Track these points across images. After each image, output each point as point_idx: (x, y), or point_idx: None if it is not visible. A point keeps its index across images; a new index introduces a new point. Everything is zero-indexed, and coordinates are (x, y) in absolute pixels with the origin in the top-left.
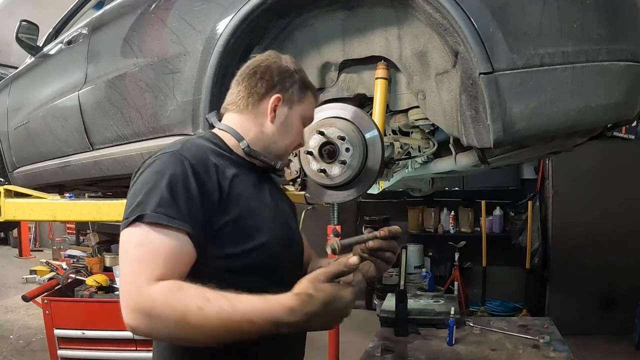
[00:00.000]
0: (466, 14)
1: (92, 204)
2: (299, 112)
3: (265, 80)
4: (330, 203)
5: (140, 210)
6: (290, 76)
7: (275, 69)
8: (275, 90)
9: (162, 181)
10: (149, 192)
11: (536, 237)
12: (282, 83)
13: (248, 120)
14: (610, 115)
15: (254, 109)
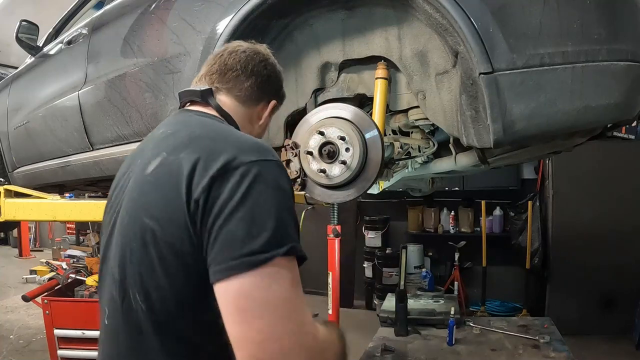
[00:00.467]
0: (466, 14)
1: (92, 204)
2: (271, 119)
3: (274, 85)
4: (330, 203)
5: (284, 240)
6: (282, 86)
7: (279, 75)
8: (274, 96)
9: (288, 200)
10: (282, 214)
11: (536, 237)
12: (280, 90)
13: (244, 115)
14: (610, 115)
15: (254, 105)
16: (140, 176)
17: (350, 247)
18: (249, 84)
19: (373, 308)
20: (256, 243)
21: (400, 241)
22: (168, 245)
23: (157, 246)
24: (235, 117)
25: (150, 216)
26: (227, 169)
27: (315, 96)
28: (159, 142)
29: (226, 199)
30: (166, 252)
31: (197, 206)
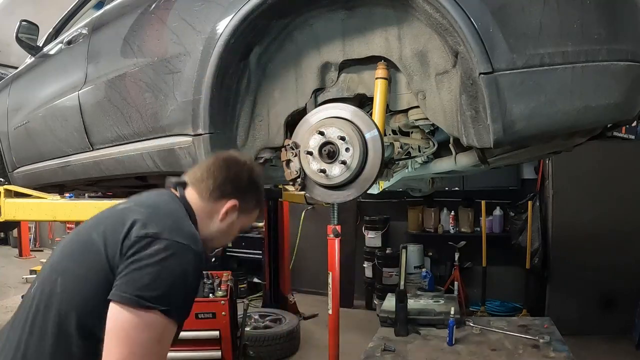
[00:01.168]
0: (466, 14)
1: (92, 204)
2: (243, 221)
3: (234, 184)
4: (330, 203)
5: (167, 303)
6: (254, 191)
7: (246, 178)
8: (235, 196)
9: (188, 281)
10: (176, 287)
11: (536, 237)
12: (244, 193)
13: (204, 209)
14: (610, 115)
15: (212, 202)
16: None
17: (350, 247)
18: (210, 182)
19: (373, 308)
20: (151, 293)
21: (400, 241)
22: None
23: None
24: (196, 209)
25: (97, 235)
26: (156, 237)
27: (315, 96)
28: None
29: (148, 254)
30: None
31: (128, 246)
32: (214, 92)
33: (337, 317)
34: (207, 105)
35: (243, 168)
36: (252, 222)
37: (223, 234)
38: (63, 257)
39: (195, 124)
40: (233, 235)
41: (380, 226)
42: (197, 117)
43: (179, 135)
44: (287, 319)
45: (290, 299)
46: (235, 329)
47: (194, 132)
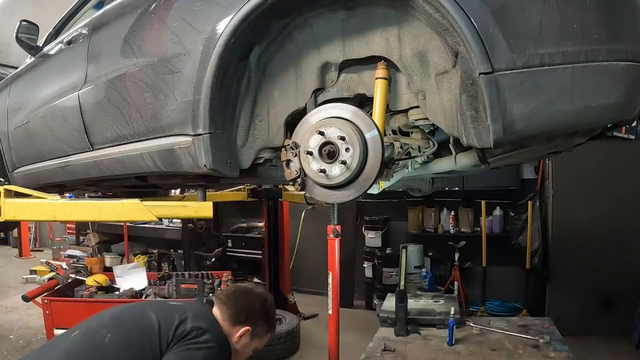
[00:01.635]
0: (466, 14)
1: (92, 204)
2: (256, 344)
3: (247, 313)
4: (330, 203)
5: None
6: (265, 319)
7: (259, 309)
8: (249, 323)
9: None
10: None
11: (536, 237)
12: (257, 321)
13: (226, 328)
14: (610, 115)
15: (230, 325)
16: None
17: (350, 247)
18: (229, 308)
19: (373, 308)
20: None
21: (400, 241)
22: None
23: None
24: (223, 326)
25: (153, 314)
26: (205, 330)
27: (315, 96)
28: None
29: (202, 341)
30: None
31: (183, 332)
32: (214, 92)
33: (337, 317)
34: (207, 105)
35: (256, 299)
36: (264, 344)
37: (240, 355)
38: (115, 318)
39: (195, 124)
40: (246, 355)
41: (380, 226)
42: (197, 117)
43: (179, 135)
44: (287, 319)
45: (290, 299)
46: None
47: (194, 132)
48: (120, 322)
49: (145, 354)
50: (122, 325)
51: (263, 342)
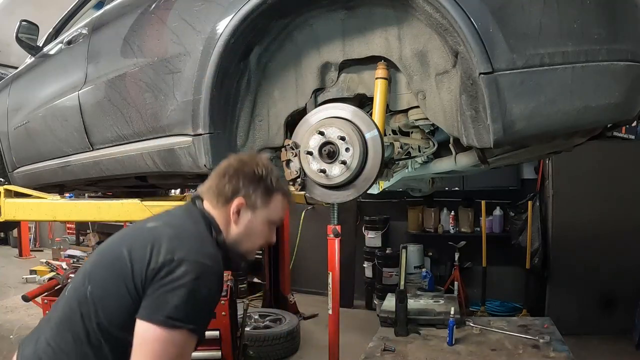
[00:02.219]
0: (466, 14)
1: (92, 204)
2: (263, 215)
3: (232, 184)
4: (330, 203)
5: (192, 322)
6: (256, 182)
7: (242, 173)
8: (239, 194)
9: (210, 301)
10: (201, 307)
11: (536, 237)
12: (246, 188)
13: (220, 216)
14: (610, 115)
15: (223, 209)
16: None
17: (350, 247)
18: (214, 189)
19: (373, 308)
20: (180, 314)
21: (400, 241)
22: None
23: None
24: (217, 219)
25: (127, 252)
26: (183, 260)
27: (315, 96)
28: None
29: (177, 277)
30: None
31: (155, 269)
32: (214, 92)
33: (337, 317)
34: (207, 105)
35: (239, 166)
36: (279, 213)
37: (246, 235)
38: (95, 266)
39: (195, 124)
40: (262, 233)
41: (380, 226)
42: (197, 117)
43: (179, 135)
44: (287, 319)
45: (290, 299)
46: (235, 329)
47: (194, 132)
48: (99, 269)
49: (126, 304)
50: (100, 273)
51: (273, 211)
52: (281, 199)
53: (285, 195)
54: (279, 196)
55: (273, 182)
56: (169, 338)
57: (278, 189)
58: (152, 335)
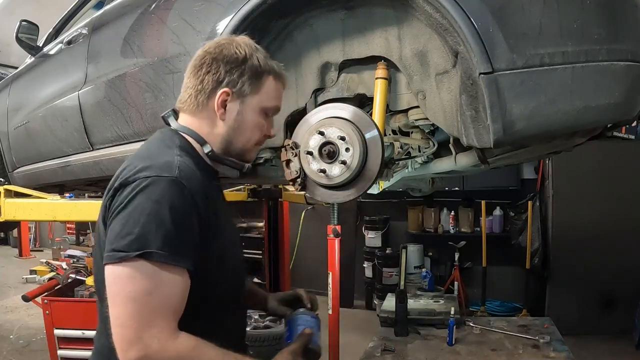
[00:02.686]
0: (466, 14)
1: (92, 204)
2: (254, 103)
3: (212, 74)
4: (330, 203)
5: (143, 246)
6: (239, 65)
7: (222, 59)
8: (222, 85)
9: (165, 214)
10: (150, 224)
11: (536, 237)
12: (229, 75)
13: (201, 121)
14: (610, 115)
15: (204, 109)
16: None
17: (350, 247)
18: (189, 92)
19: (373, 308)
20: (122, 241)
21: (400, 241)
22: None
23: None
24: (196, 128)
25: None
26: (126, 182)
27: (315, 96)
28: None
29: (118, 203)
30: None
31: (106, 207)
32: None
33: (337, 317)
34: None
35: (217, 52)
36: (273, 97)
37: (238, 130)
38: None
39: None
40: (257, 125)
41: (380, 226)
42: None
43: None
44: None
45: None
46: None
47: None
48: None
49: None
50: (96, 245)
51: (268, 94)
52: (273, 80)
53: (278, 76)
54: (270, 78)
55: (260, 62)
56: (123, 273)
57: (268, 70)
58: (109, 277)
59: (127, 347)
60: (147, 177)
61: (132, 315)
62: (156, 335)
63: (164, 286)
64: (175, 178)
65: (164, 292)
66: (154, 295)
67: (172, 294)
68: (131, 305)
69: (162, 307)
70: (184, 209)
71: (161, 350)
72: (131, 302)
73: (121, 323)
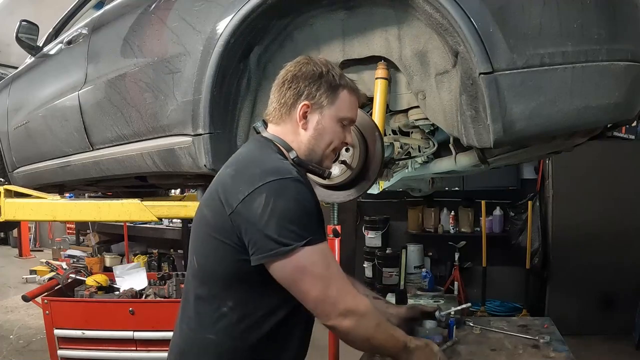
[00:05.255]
0: (466, 14)
1: (92, 204)
2: (331, 114)
3: (292, 89)
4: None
5: (305, 235)
6: (316, 80)
7: (301, 76)
8: (302, 98)
9: (307, 207)
10: (302, 218)
11: (536, 237)
12: (308, 89)
13: (286, 130)
14: (610, 115)
15: (288, 120)
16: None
17: (350, 247)
18: (272, 101)
19: None
20: (284, 240)
21: (400, 241)
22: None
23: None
24: (283, 136)
25: (207, 210)
26: (254, 189)
27: None
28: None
29: (259, 212)
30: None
31: (236, 216)
32: (214, 92)
33: None
34: (207, 105)
35: (296, 70)
36: (348, 109)
37: (319, 138)
38: (193, 238)
39: (195, 124)
40: (335, 133)
41: (380, 226)
42: (197, 117)
43: (179, 135)
44: None
45: None
46: None
47: (194, 132)
48: (194, 238)
49: (224, 255)
50: (196, 240)
51: (343, 105)
52: (348, 94)
53: (352, 90)
54: (345, 91)
55: (336, 78)
56: (301, 260)
57: (343, 84)
58: (283, 271)
59: (337, 316)
60: (272, 182)
61: (326, 289)
62: (350, 297)
63: (331, 258)
64: (296, 177)
65: (335, 264)
66: (331, 267)
67: (336, 263)
68: (320, 282)
69: (340, 275)
70: (312, 198)
71: (359, 306)
72: (320, 280)
73: (319, 298)
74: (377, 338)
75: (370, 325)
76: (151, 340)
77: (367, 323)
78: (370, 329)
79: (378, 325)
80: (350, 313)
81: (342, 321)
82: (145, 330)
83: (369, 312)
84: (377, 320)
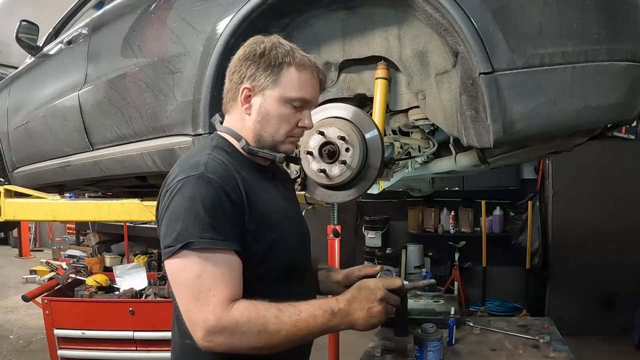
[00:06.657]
0: (466, 14)
1: (92, 204)
2: (274, 95)
3: (236, 73)
4: (330, 203)
5: (185, 238)
6: (256, 60)
7: (243, 58)
8: (244, 81)
9: (198, 206)
10: (188, 218)
11: (536, 237)
12: (250, 70)
13: (235, 118)
14: (610, 115)
15: (235, 107)
16: None
17: (350, 247)
18: (223, 95)
19: None
20: (169, 239)
21: (400, 241)
22: None
23: None
24: (232, 126)
25: None
26: (167, 189)
27: None
28: None
29: (160, 209)
30: None
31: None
32: (214, 92)
33: None
34: (207, 105)
35: (238, 55)
36: (295, 87)
37: (264, 121)
38: None
39: (195, 124)
40: (283, 115)
41: (380, 226)
42: (197, 117)
43: (179, 135)
44: None
45: None
46: None
47: (194, 132)
48: None
49: None
50: None
51: (289, 84)
52: (296, 71)
53: (302, 66)
54: (292, 69)
55: (279, 55)
56: (176, 265)
57: (288, 62)
58: (167, 273)
59: (193, 327)
60: (179, 180)
61: (190, 299)
62: (211, 311)
63: (210, 268)
64: (201, 174)
65: (212, 273)
66: (202, 278)
67: (220, 273)
68: (187, 291)
69: (212, 285)
70: (214, 198)
71: (218, 321)
72: (186, 288)
73: (184, 309)
74: (273, 340)
75: (252, 333)
76: (151, 340)
77: (243, 336)
78: (253, 338)
79: (263, 328)
80: (216, 331)
81: (211, 340)
82: (145, 330)
83: (241, 323)
84: (259, 325)
